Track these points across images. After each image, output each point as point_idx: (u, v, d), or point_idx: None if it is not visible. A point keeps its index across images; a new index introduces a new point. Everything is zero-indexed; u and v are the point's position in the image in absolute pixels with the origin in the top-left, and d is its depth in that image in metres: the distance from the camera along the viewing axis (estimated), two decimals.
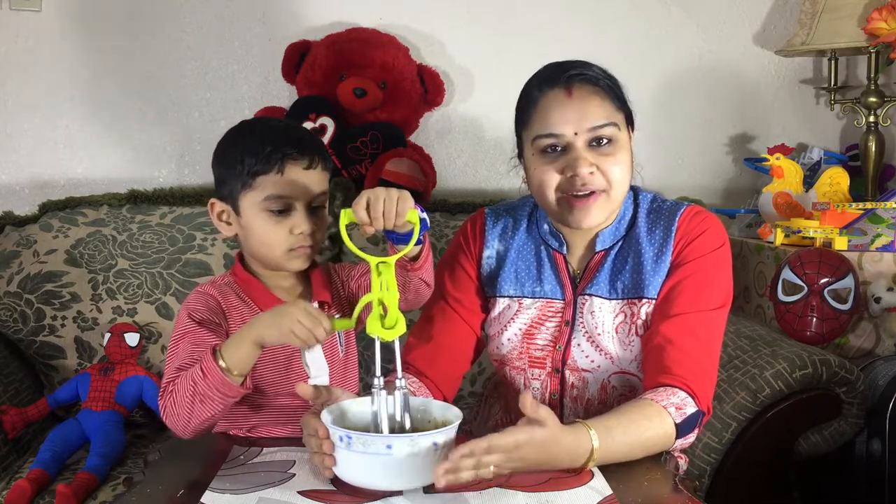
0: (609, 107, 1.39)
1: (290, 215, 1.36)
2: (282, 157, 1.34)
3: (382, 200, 1.20)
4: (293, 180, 1.34)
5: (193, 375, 1.24)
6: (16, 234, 2.21)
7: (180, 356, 1.30)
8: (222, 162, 1.39)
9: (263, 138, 1.36)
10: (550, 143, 1.39)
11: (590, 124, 1.37)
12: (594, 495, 1.14)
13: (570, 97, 1.38)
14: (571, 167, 1.37)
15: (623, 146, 1.41)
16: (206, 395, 1.23)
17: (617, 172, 1.39)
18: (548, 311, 1.48)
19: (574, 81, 1.38)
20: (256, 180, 1.34)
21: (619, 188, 1.41)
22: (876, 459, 1.81)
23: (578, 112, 1.37)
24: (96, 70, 2.44)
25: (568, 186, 1.39)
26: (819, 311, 1.94)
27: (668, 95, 2.58)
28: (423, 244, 1.29)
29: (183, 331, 1.33)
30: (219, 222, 1.41)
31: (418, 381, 1.45)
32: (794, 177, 2.29)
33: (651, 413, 1.28)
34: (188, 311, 1.36)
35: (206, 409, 1.24)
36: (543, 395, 1.49)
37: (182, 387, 1.25)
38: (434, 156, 2.44)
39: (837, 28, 2.34)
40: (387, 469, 1.10)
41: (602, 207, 1.40)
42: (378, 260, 1.19)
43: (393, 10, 2.47)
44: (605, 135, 1.38)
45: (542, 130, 1.39)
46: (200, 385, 1.23)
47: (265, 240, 1.36)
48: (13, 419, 1.90)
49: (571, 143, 1.38)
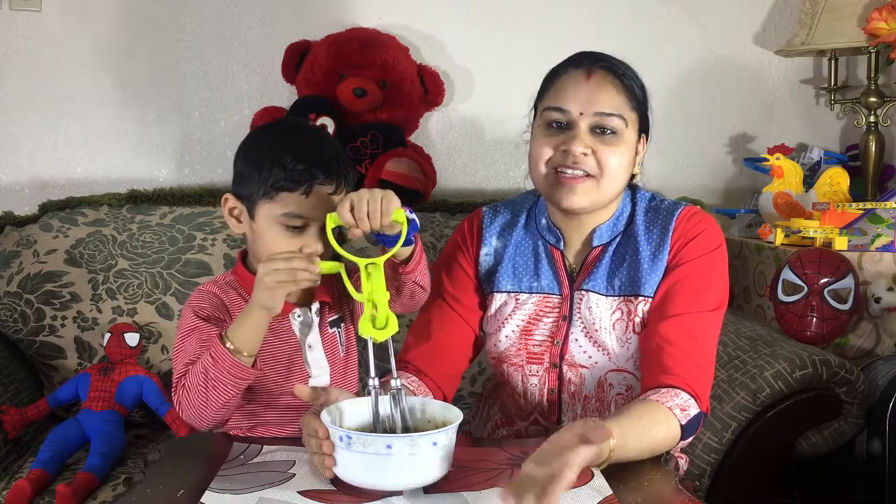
0: (622, 100, 1.41)
1: (304, 233, 1.35)
2: (311, 179, 1.32)
3: (366, 201, 1.19)
4: (316, 203, 1.33)
5: (204, 363, 1.25)
6: (16, 234, 2.20)
7: (189, 351, 1.31)
8: (248, 161, 1.37)
9: (297, 154, 1.32)
10: (556, 118, 1.41)
11: (597, 108, 1.39)
12: (594, 495, 1.14)
13: (587, 79, 1.41)
14: (567, 143, 1.39)
15: (626, 142, 1.41)
16: (218, 380, 1.24)
17: (612, 161, 1.39)
18: (545, 307, 1.48)
19: (596, 67, 1.41)
20: (280, 195, 1.33)
21: (611, 178, 1.40)
22: (876, 459, 1.81)
23: (590, 94, 1.39)
24: (96, 70, 2.44)
25: (559, 161, 1.40)
26: (819, 311, 1.94)
27: (668, 95, 2.58)
28: (413, 245, 1.29)
29: (190, 327, 1.34)
30: (229, 217, 1.41)
31: (417, 380, 1.45)
32: (794, 177, 2.29)
33: (660, 417, 1.29)
34: (193, 308, 1.36)
35: (221, 394, 1.25)
36: (542, 392, 1.50)
37: (194, 377, 1.26)
38: (434, 156, 2.44)
39: (837, 28, 2.34)
40: (387, 469, 1.10)
41: (588, 192, 1.40)
42: (367, 261, 1.19)
43: (393, 10, 2.47)
44: (610, 124, 1.39)
45: (552, 103, 1.42)
46: (212, 371, 1.24)
47: (273, 250, 1.34)
48: (13, 419, 1.90)
49: (575, 122, 1.40)
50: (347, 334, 1.48)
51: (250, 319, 1.26)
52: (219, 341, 1.25)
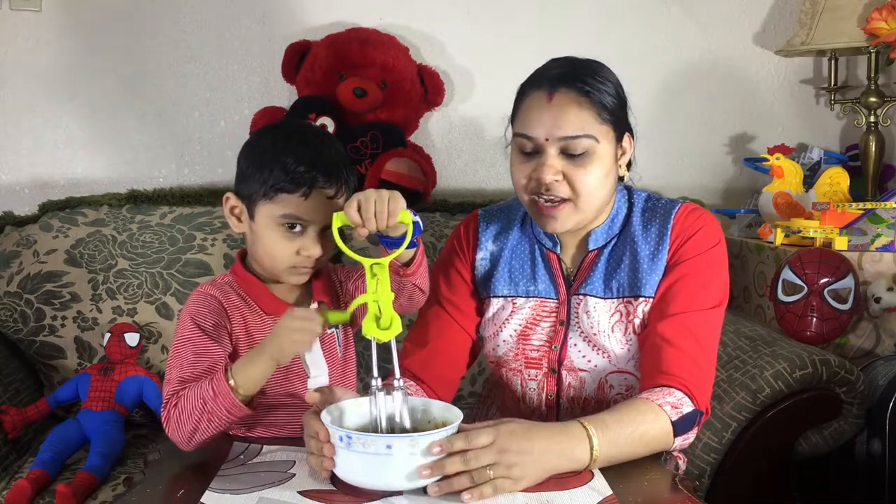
0: (588, 118, 1.36)
1: (303, 236, 1.35)
2: (311, 182, 1.32)
3: (373, 201, 1.19)
4: (315, 206, 1.33)
5: (203, 394, 1.24)
6: (16, 234, 2.20)
7: (183, 364, 1.30)
8: (250, 160, 1.37)
9: (299, 156, 1.33)
10: (523, 144, 1.39)
11: (562, 133, 1.35)
12: (594, 495, 1.14)
13: (549, 102, 1.36)
14: (538, 171, 1.37)
15: (599, 157, 1.37)
16: (213, 413, 1.24)
17: (586, 182, 1.36)
18: (542, 311, 1.48)
19: (558, 87, 1.36)
20: (279, 196, 1.33)
21: (588, 199, 1.38)
22: (876, 459, 1.81)
23: (553, 118, 1.35)
24: (97, 70, 2.44)
25: (535, 190, 1.38)
26: (819, 311, 1.94)
27: (668, 95, 2.58)
28: (416, 248, 1.29)
29: (186, 336, 1.33)
30: (230, 216, 1.41)
31: (415, 386, 1.45)
32: (794, 177, 2.29)
33: (644, 409, 1.28)
34: (191, 315, 1.35)
35: (212, 426, 1.25)
36: (540, 396, 1.49)
37: (190, 403, 1.25)
38: (434, 156, 2.44)
39: (837, 28, 2.34)
40: (387, 469, 1.10)
41: (569, 216, 1.39)
42: (372, 262, 1.19)
43: (393, 10, 2.47)
44: (578, 146, 1.35)
45: (520, 129, 1.40)
46: (210, 403, 1.23)
47: (271, 251, 1.36)
48: (13, 419, 1.90)
49: (543, 147, 1.37)
50: (346, 335, 1.48)
51: (259, 363, 1.25)
52: (223, 377, 1.24)
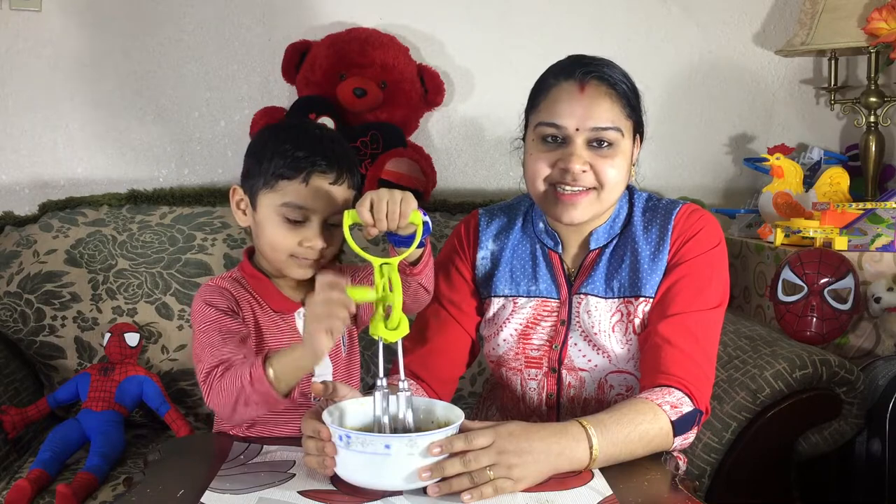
0: (618, 111, 1.38)
1: (305, 227, 1.35)
2: (310, 167, 1.33)
3: (386, 201, 1.20)
4: (316, 192, 1.33)
5: (242, 378, 1.22)
6: (16, 234, 2.20)
7: (214, 344, 1.29)
8: (252, 153, 1.39)
9: (297, 142, 1.34)
10: (551, 133, 1.39)
11: (593, 123, 1.37)
12: (594, 495, 1.14)
13: (581, 92, 1.38)
14: (565, 161, 1.37)
15: (622, 152, 1.40)
16: (249, 399, 1.23)
17: (611, 174, 1.38)
18: (543, 311, 1.48)
19: (589, 78, 1.38)
20: (279, 183, 1.34)
21: (610, 190, 1.40)
22: (876, 459, 1.81)
23: (586, 109, 1.37)
24: (96, 70, 2.44)
25: (558, 179, 1.39)
26: (819, 311, 1.94)
27: (668, 95, 2.58)
28: (424, 248, 1.29)
29: (210, 319, 1.32)
30: (236, 209, 1.42)
31: (414, 384, 1.45)
32: (794, 177, 2.29)
33: (644, 409, 1.28)
34: (206, 302, 1.35)
35: (250, 410, 1.25)
36: (540, 396, 1.49)
37: (229, 385, 1.24)
38: (434, 156, 2.44)
39: (837, 28, 2.34)
40: (386, 469, 1.10)
41: (590, 205, 1.40)
42: (381, 261, 1.19)
43: (393, 10, 2.47)
44: (607, 138, 1.38)
45: (547, 119, 1.39)
46: (247, 389, 1.22)
47: (273, 242, 1.36)
48: (13, 419, 1.90)
49: (571, 138, 1.38)
50: (350, 334, 1.48)
51: (296, 355, 1.22)
52: (261, 365, 1.21)
